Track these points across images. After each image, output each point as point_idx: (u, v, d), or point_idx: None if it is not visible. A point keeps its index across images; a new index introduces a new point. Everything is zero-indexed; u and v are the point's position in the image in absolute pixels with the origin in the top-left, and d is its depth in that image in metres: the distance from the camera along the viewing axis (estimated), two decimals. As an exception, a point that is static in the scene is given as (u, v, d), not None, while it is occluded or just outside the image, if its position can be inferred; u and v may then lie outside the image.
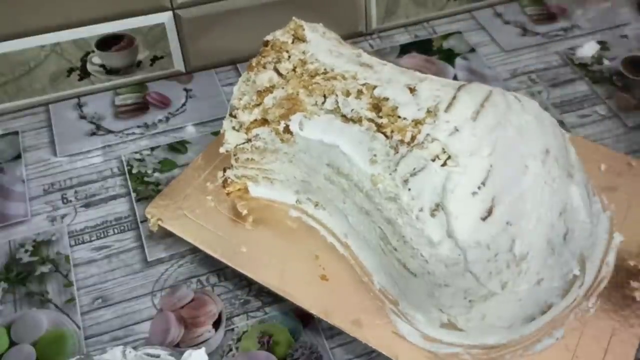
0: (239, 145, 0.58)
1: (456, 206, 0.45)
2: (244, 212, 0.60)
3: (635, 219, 0.57)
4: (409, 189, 0.47)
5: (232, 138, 0.58)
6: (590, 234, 0.54)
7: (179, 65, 0.81)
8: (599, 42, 0.83)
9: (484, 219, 0.46)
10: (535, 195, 0.48)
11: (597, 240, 0.55)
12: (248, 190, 0.61)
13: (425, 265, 0.47)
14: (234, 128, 0.58)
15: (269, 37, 0.58)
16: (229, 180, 0.61)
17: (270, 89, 0.55)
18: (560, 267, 0.50)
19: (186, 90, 0.80)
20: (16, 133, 0.75)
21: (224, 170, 0.61)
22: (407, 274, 0.49)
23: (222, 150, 0.59)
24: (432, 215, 0.46)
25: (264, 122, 0.56)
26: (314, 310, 0.52)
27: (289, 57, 0.56)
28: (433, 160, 0.47)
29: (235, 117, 0.57)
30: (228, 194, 0.61)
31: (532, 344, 0.50)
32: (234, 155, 0.59)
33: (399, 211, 0.47)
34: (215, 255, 0.57)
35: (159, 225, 0.59)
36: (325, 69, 0.55)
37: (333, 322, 0.52)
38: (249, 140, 0.57)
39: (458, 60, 0.82)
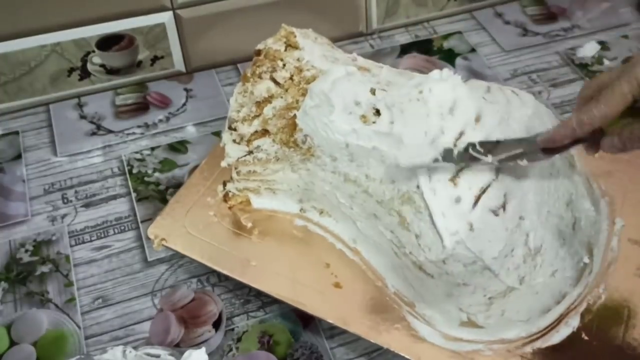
0: (241, 158, 0.57)
1: (470, 204, 0.46)
2: (249, 224, 0.59)
3: (633, 203, 0.58)
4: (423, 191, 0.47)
5: (233, 151, 0.57)
6: (595, 222, 0.54)
7: (179, 65, 0.81)
8: (600, 43, 0.83)
9: (497, 215, 0.46)
10: (543, 189, 0.49)
11: (601, 226, 0.56)
12: (250, 202, 0.60)
13: (443, 266, 0.47)
14: (234, 141, 0.57)
15: (260, 46, 0.57)
16: (230, 194, 0.59)
17: (269, 99, 0.55)
18: (571, 257, 0.51)
19: (186, 90, 0.80)
20: (16, 133, 0.75)
21: (224, 184, 0.60)
22: (423, 276, 0.49)
23: (223, 164, 0.58)
24: (447, 214, 0.46)
25: (265, 132, 0.56)
26: (330, 319, 0.52)
27: (284, 65, 0.55)
28: None
29: (235, 129, 0.56)
30: (230, 207, 0.60)
31: (550, 335, 0.50)
32: (235, 168, 0.58)
33: (414, 213, 0.47)
34: (225, 272, 0.55)
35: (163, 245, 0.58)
36: (322, 76, 0.55)
37: (352, 330, 0.51)
38: (250, 153, 0.57)
39: (458, 61, 0.82)
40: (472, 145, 0.47)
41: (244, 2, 0.78)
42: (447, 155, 0.46)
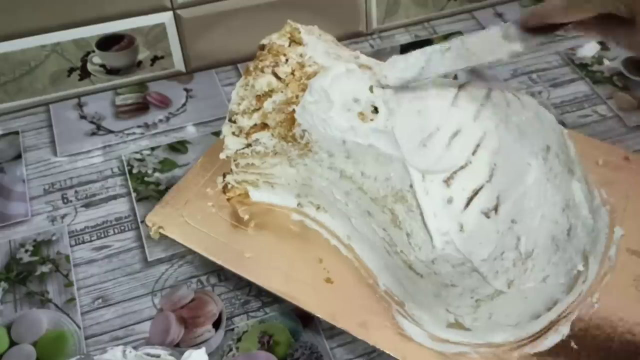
0: (239, 150, 0.57)
1: (462, 205, 0.46)
2: (246, 217, 0.59)
3: (634, 213, 0.57)
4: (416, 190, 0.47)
5: (232, 143, 0.57)
6: (592, 229, 0.54)
7: (179, 65, 0.81)
8: (600, 43, 0.83)
9: (489, 217, 0.46)
10: (538, 193, 0.49)
11: (599, 235, 0.55)
12: (249, 195, 0.60)
13: (432, 266, 0.47)
14: (233, 133, 0.57)
15: (265, 41, 0.57)
16: (229, 186, 0.60)
17: (269, 93, 0.55)
18: (564, 264, 0.51)
19: (186, 90, 0.80)
20: (16, 133, 0.75)
21: (224, 176, 0.60)
22: (413, 275, 0.49)
23: (222, 156, 0.58)
24: (439, 215, 0.46)
25: (264, 126, 0.56)
26: (320, 314, 0.52)
27: (287, 60, 0.55)
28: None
29: (234, 122, 0.57)
30: (229, 199, 0.60)
31: (539, 341, 0.50)
32: (234, 160, 0.58)
33: (406, 211, 0.47)
34: (219, 262, 0.56)
35: (160, 233, 0.58)
36: (324, 72, 0.55)
37: (340, 326, 0.51)
38: (249, 145, 0.57)
39: (458, 60, 0.82)
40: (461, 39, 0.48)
41: (244, 2, 0.78)
42: (434, 58, 0.47)
